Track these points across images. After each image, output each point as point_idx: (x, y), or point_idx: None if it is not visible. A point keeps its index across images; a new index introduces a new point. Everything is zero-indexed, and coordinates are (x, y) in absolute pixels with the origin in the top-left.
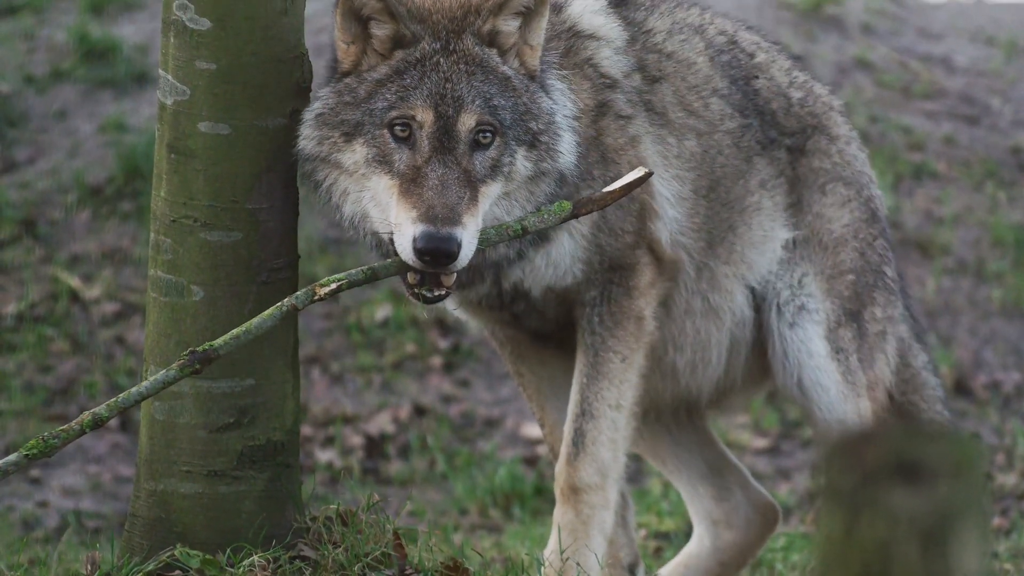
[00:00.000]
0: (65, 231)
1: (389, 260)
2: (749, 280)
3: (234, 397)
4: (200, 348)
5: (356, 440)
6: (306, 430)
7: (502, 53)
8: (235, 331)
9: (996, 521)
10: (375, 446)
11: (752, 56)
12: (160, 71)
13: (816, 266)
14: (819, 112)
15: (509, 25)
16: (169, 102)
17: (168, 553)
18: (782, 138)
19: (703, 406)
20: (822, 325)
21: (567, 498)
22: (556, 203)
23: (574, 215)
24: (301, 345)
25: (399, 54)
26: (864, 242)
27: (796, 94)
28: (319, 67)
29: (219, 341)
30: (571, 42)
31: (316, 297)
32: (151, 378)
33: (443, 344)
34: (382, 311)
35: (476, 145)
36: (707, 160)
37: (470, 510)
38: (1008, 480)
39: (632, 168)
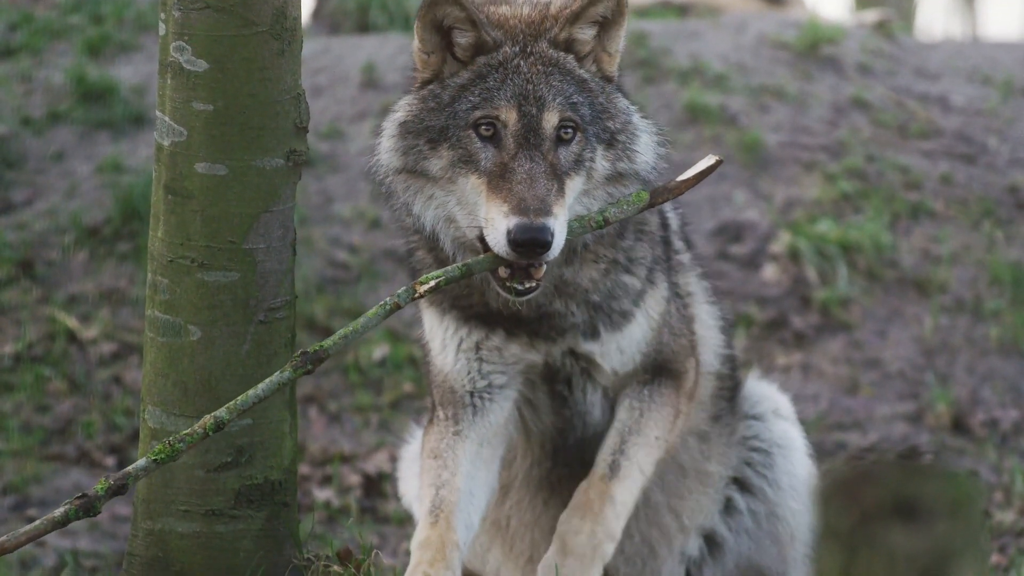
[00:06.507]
0: (62, 272)
1: (482, 256)
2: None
3: (232, 436)
4: (311, 349)
5: (354, 479)
6: (304, 469)
7: (579, 59)
8: (343, 331)
9: (994, 558)
10: (373, 485)
11: None
12: (157, 112)
13: None
14: None
15: (585, 33)
16: (166, 143)
17: None
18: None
19: None
20: None
21: (590, 506)
22: (633, 193)
23: (651, 204)
24: (299, 385)
25: (480, 59)
26: None
27: None
28: (316, 107)
29: (328, 341)
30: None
31: (416, 295)
32: (267, 379)
33: None
34: (379, 351)
35: (559, 140)
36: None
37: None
38: (1006, 517)
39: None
